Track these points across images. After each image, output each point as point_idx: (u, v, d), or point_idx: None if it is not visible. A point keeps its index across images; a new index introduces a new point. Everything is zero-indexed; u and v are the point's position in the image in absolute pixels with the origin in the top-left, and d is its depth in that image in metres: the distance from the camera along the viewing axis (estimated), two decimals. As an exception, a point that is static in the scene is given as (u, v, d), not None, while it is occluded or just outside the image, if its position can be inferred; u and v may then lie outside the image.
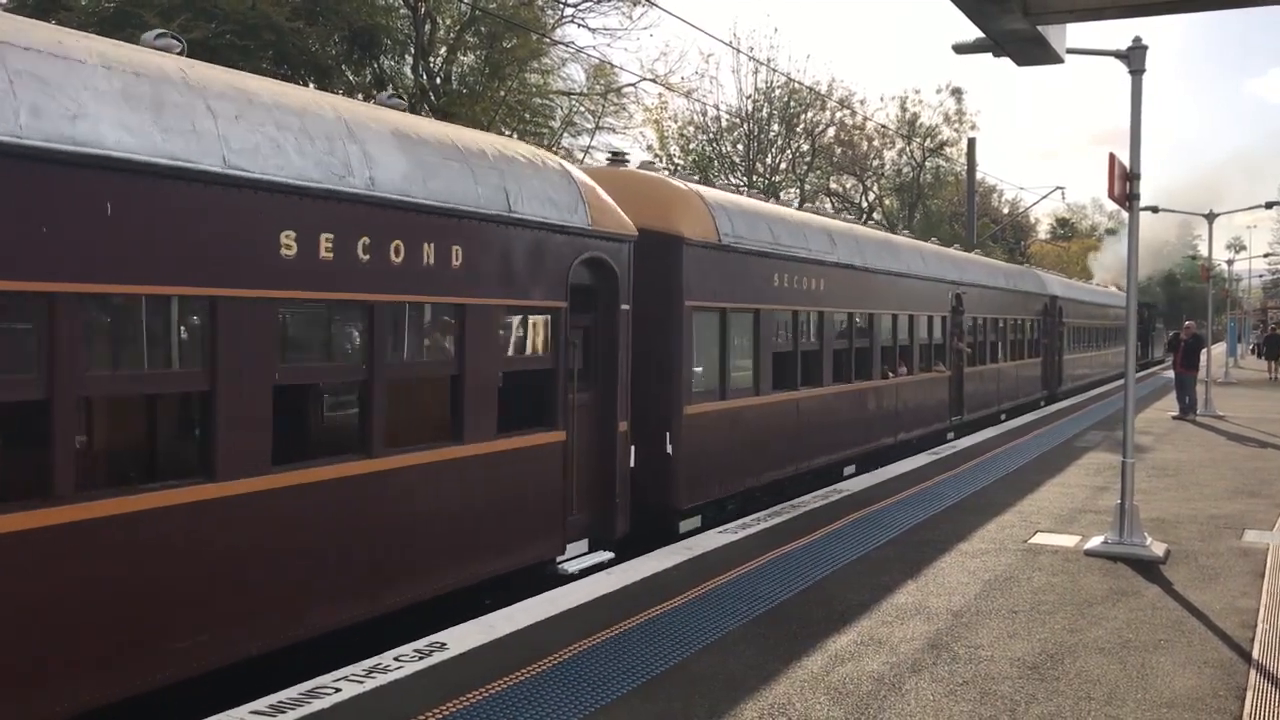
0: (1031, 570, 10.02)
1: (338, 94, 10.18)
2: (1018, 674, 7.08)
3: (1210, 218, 32.07)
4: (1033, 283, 32.08)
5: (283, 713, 6.08)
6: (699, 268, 12.59)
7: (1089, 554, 10.67)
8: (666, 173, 15.44)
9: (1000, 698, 6.64)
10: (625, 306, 10.93)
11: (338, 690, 6.42)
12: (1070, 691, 6.78)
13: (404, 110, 9.31)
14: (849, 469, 17.11)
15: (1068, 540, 11.34)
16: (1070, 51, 8.91)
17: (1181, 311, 67.32)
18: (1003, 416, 26.97)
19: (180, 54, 7.21)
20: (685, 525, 12.35)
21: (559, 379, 9.94)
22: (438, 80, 30.96)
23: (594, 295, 10.69)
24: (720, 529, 11.53)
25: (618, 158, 13.88)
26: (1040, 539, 11.43)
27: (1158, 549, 10.68)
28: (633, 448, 11.11)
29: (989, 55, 10.13)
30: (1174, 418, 25.68)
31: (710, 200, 13.39)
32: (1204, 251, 39.10)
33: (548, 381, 9.93)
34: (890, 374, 18.88)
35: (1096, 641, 7.83)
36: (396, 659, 7.02)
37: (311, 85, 26.44)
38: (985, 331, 25.54)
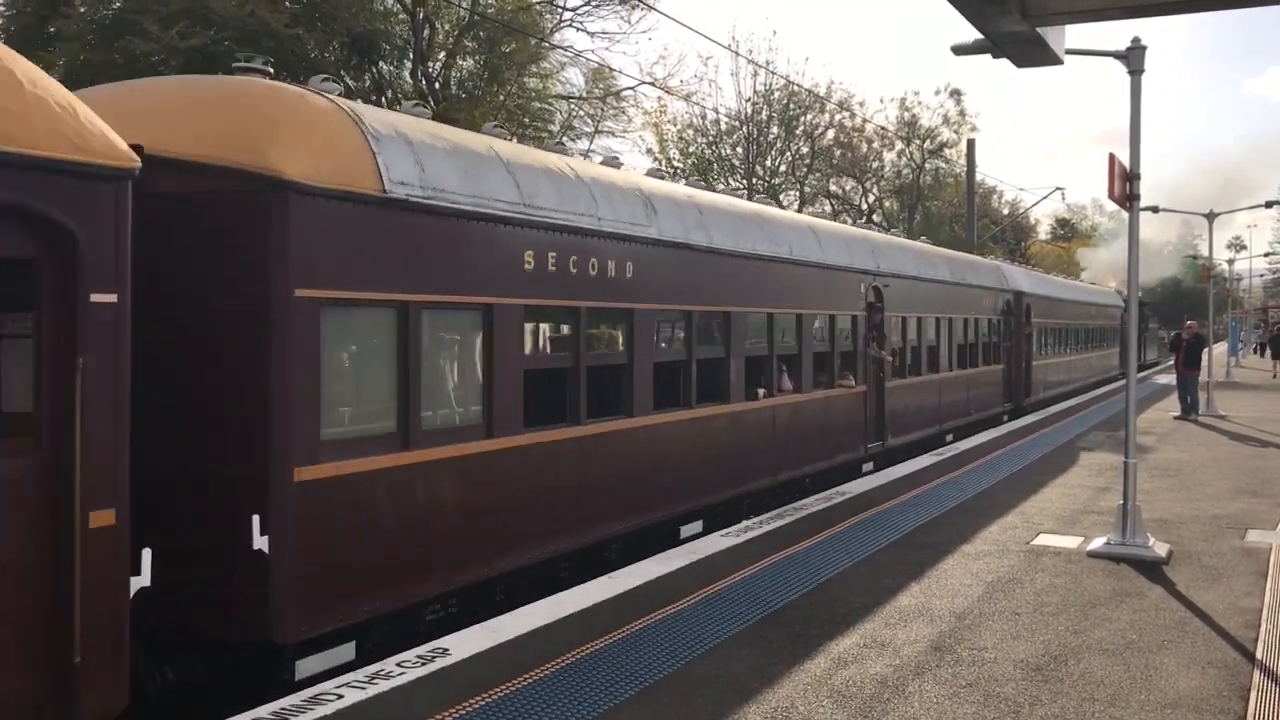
0: (1034, 571, 10.01)
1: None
2: (1021, 676, 7.07)
3: (1210, 217, 32.07)
4: (990, 276, 26.86)
5: None
6: (333, 234, 7.68)
7: (1092, 555, 10.66)
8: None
9: (1004, 700, 6.62)
10: (101, 298, 5.86)
11: (340, 697, 6.41)
12: (1074, 693, 6.76)
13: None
14: (691, 526, 12.56)
15: (1070, 541, 11.33)
16: (1070, 53, 8.90)
17: (1183, 310, 66.78)
18: (949, 438, 22.07)
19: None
20: (306, 668, 7.55)
21: None
22: (436, 85, 30.97)
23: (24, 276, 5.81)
24: (722, 532, 11.50)
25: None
26: (1043, 540, 11.42)
27: (1160, 549, 10.66)
28: (147, 552, 6.15)
29: (988, 56, 10.17)
30: (1176, 418, 25.66)
31: (372, 125, 8.28)
32: (1204, 251, 39.05)
33: None
34: (764, 394, 14.39)
35: (1100, 642, 7.82)
36: (399, 664, 7.00)
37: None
38: (921, 334, 20.98)
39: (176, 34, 22.02)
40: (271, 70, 8.02)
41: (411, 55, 30.53)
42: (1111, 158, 10.62)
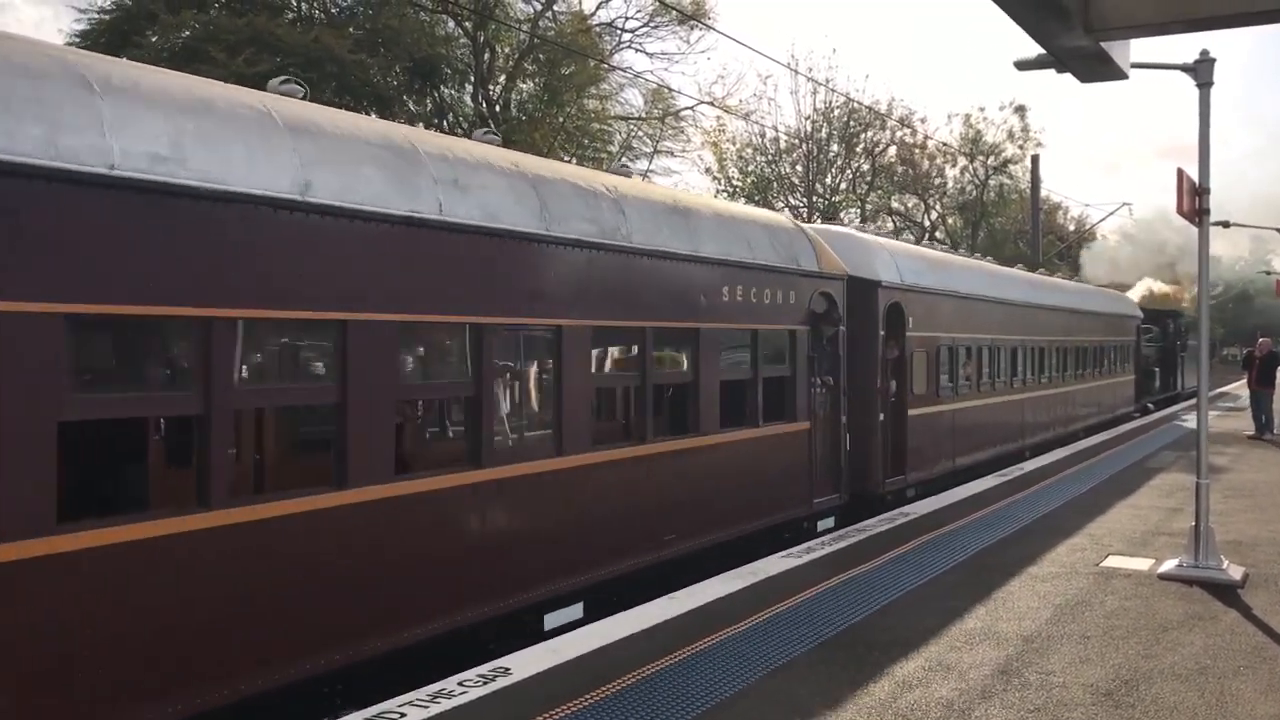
0: (1104, 594, 9.81)
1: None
2: (1091, 701, 6.93)
3: (1284, 231, 31.31)
4: (762, 244, 13.04)
5: (349, 738, 6.11)
6: None
7: (1163, 578, 10.43)
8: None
9: (1073, 725, 6.50)
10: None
11: (403, 715, 6.45)
12: (1146, 719, 6.61)
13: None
14: (555, 616, 9.39)
15: (1141, 564, 11.10)
16: (1135, 66, 8.78)
17: (1255, 328, 64.76)
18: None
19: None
20: None
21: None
22: (497, 108, 31.34)
23: None
24: (784, 553, 11.43)
25: None
26: (1112, 562, 11.20)
27: (1235, 572, 10.40)
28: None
29: (1051, 71, 10.05)
30: (1249, 437, 25.05)
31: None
32: (1278, 266, 38.11)
33: None
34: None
35: (1173, 668, 7.64)
36: (461, 684, 7.04)
37: (373, 114, 26.93)
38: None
39: (243, 61, 22.56)
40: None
41: (472, 79, 30.92)
42: (1180, 173, 10.45)
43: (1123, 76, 7.93)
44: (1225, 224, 32.51)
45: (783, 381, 13.21)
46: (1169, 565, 10.69)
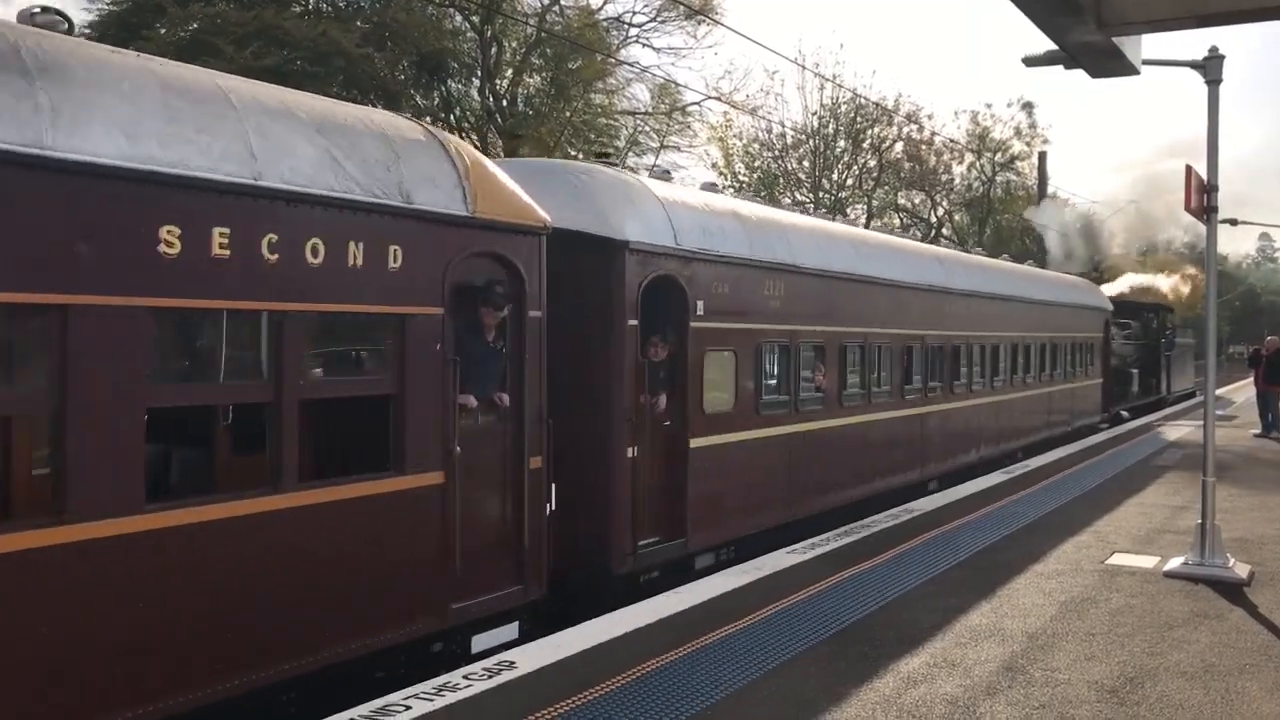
0: (1109, 592, 9.79)
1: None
2: (1096, 698, 6.91)
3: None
4: (337, 162, 7.38)
5: (353, 730, 6.09)
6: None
7: (1169, 575, 10.40)
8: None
9: (1079, 723, 6.48)
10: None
11: (408, 708, 6.45)
12: (1151, 716, 6.60)
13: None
14: None
15: (1146, 561, 11.07)
16: (1147, 63, 8.74)
17: (1261, 326, 64.34)
18: None
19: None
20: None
21: None
22: (504, 102, 31.31)
23: None
24: (789, 549, 11.41)
25: None
26: (1118, 559, 11.17)
27: (1241, 570, 10.37)
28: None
29: (1060, 68, 10.03)
30: (1255, 436, 24.99)
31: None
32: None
33: None
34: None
35: (1178, 665, 7.62)
36: (466, 677, 7.03)
37: (380, 108, 26.94)
38: None
39: (250, 54, 22.55)
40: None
41: (479, 73, 30.90)
42: (1189, 169, 10.41)
43: (1134, 72, 7.92)
44: (1233, 221, 32.43)
45: (371, 406, 7.79)
46: (1175, 563, 10.66)
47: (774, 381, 13.21)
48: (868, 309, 15.55)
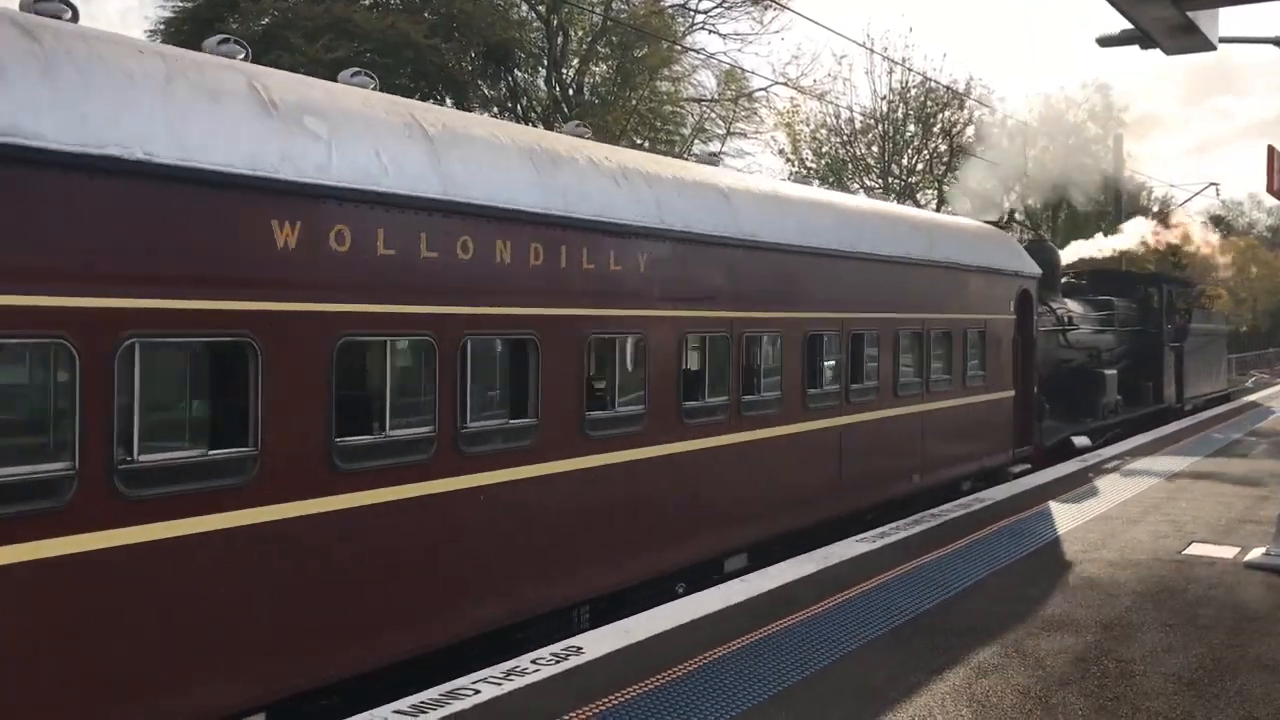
0: (1187, 582, 9.58)
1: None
2: (1173, 690, 6.77)
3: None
4: None
5: (424, 713, 6.21)
6: None
7: (1249, 566, 10.16)
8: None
9: (1154, 715, 6.36)
10: None
11: (477, 692, 6.52)
12: (1231, 710, 6.45)
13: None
14: None
15: (1226, 551, 10.82)
16: (1224, 40, 8.51)
17: None
18: None
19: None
20: None
21: None
22: (570, 91, 31.38)
23: None
24: (857, 538, 11.34)
25: None
26: (1196, 550, 10.93)
27: (1326, 561, 10.09)
28: None
29: (1135, 48, 9.80)
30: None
31: None
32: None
33: None
34: None
35: (1259, 658, 7.44)
36: (534, 662, 7.09)
37: (448, 101, 27.15)
38: None
39: (321, 47, 22.83)
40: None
41: (546, 62, 30.99)
42: (1271, 150, 10.13)
43: (1210, 48, 7.72)
44: (1315, 203, 31.32)
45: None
46: (1255, 554, 10.41)
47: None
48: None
